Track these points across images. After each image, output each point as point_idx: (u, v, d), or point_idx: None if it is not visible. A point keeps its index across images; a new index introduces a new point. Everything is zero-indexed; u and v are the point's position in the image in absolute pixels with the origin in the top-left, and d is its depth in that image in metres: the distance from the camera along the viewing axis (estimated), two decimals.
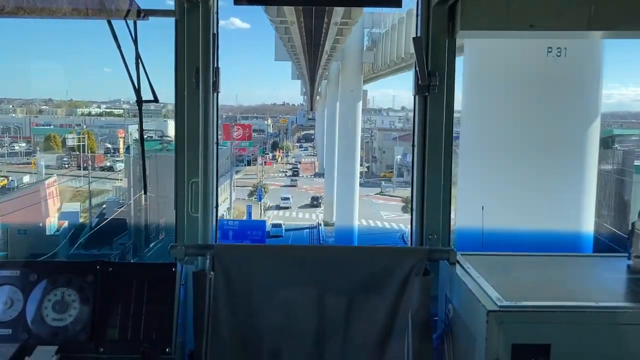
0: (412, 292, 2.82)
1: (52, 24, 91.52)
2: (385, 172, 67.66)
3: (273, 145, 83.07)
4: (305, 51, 31.12)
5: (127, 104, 68.56)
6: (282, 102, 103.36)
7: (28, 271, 2.83)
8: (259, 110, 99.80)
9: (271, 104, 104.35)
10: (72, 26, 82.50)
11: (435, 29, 3.16)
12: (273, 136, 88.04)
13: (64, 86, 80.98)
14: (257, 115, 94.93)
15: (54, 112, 69.79)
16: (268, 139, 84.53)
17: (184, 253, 2.94)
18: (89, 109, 74.05)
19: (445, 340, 2.85)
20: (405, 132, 66.81)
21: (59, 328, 2.76)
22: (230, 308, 2.89)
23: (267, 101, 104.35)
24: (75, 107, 73.41)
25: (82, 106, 73.63)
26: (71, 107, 72.26)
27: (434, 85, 3.16)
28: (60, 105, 72.57)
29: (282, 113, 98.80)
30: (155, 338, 2.75)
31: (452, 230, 3.34)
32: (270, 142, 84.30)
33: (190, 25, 3.13)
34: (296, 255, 3.06)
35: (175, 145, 3.26)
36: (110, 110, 74.68)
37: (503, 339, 2.33)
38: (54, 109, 72.04)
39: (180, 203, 3.25)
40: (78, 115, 69.96)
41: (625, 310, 2.45)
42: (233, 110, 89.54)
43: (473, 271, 2.79)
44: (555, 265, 3.20)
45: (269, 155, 76.62)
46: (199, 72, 3.14)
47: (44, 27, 66.15)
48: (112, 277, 2.85)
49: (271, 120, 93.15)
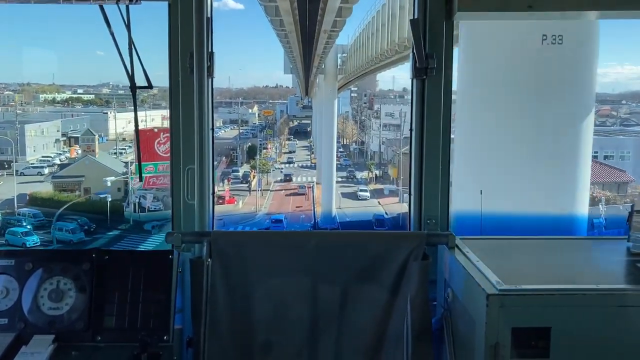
0: (410, 277, 2.81)
1: (42, 9, 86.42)
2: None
3: (250, 151, 51.52)
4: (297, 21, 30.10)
5: (108, 88, 61.53)
6: (275, 85, 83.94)
7: (23, 260, 2.80)
8: (250, 93, 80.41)
9: (263, 87, 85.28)
10: (63, 11, 78.86)
11: (433, 10, 3.10)
12: (256, 130, 60.57)
13: (53, 70, 74.58)
14: (243, 100, 74.80)
15: (11, 98, 56.80)
16: (242, 142, 53.53)
17: (181, 240, 2.92)
18: (61, 95, 61.80)
19: (445, 324, 2.85)
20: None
21: (56, 317, 2.73)
22: (227, 295, 2.87)
23: (259, 83, 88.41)
24: (37, 92, 60.41)
25: (53, 91, 61.21)
26: (31, 93, 59.28)
27: (432, 68, 3.12)
28: (26, 89, 59.86)
29: (274, 97, 79.18)
30: (152, 326, 2.73)
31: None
32: (245, 146, 52.66)
33: (184, 9, 3.07)
34: (294, 241, 3.04)
35: (170, 131, 3.22)
36: (79, 96, 63.07)
37: (503, 322, 2.32)
38: (10, 93, 58.19)
39: (177, 190, 3.21)
40: (40, 101, 59.50)
41: (625, 293, 2.45)
42: (222, 94, 66.99)
43: (472, 255, 2.78)
44: (555, 248, 3.20)
45: (236, 179, 45.47)
46: (193, 56, 3.09)
47: (34, 12, 62.75)
48: (108, 265, 2.83)
49: (258, 108, 70.32)
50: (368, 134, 57.59)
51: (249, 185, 44.78)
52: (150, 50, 4.07)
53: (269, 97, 78.83)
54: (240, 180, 45.72)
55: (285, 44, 35.03)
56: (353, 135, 62.32)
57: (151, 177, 31.32)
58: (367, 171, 50.17)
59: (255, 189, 43.83)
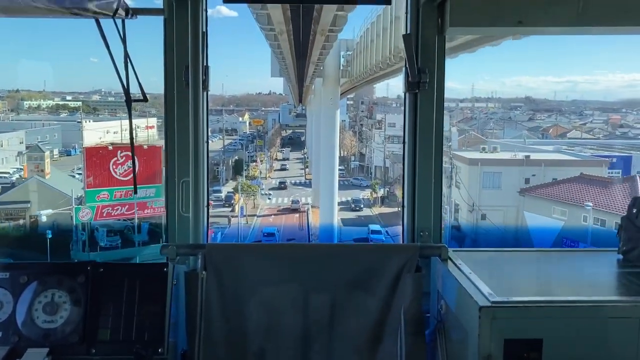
0: (404, 289, 2.84)
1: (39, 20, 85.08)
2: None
3: (236, 166, 45.19)
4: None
5: (99, 95, 59.12)
6: (269, 92, 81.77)
7: (18, 273, 2.80)
8: (242, 101, 78.77)
9: (256, 94, 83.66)
10: (59, 21, 77.81)
11: (425, 26, 3.16)
12: (245, 141, 56.25)
13: (46, 77, 72.85)
14: (235, 108, 72.30)
15: None
16: (228, 156, 47.18)
17: (176, 253, 2.93)
18: (46, 101, 58.22)
19: (438, 336, 2.87)
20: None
21: (50, 330, 2.73)
22: (222, 307, 2.88)
23: (252, 90, 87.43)
24: (23, 99, 57.43)
25: (39, 98, 57.94)
26: (16, 100, 56.20)
27: (424, 82, 3.17)
28: (11, 96, 57.01)
29: (267, 104, 77.09)
30: (147, 338, 2.73)
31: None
32: (232, 160, 46.28)
33: (180, 23, 3.11)
34: (288, 253, 3.06)
35: (165, 144, 3.24)
36: (65, 103, 59.17)
37: (495, 334, 2.35)
38: None
39: (171, 202, 3.23)
40: (25, 108, 56.02)
41: (615, 304, 2.48)
42: (214, 101, 63.35)
43: (465, 267, 2.81)
44: (546, 260, 3.24)
45: (218, 201, 37.34)
46: (189, 70, 3.11)
47: (30, 22, 61.25)
48: (103, 277, 2.83)
49: (249, 116, 67.00)
50: (369, 146, 52.80)
51: (233, 208, 37.41)
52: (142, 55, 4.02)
53: (262, 105, 77.65)
54: (223, 202, 37.98)
55: (276, 48, 31.17)
56: (352, 148, 57.07)
57: (105, 206, 25.94)
58: (370, 190, 44.68)
59: (238, 214, 35.51)
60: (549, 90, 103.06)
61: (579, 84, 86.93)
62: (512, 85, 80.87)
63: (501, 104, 58.93)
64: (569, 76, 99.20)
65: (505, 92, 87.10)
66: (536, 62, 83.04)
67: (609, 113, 51.99)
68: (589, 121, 52.27)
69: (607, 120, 50.79)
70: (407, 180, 3.31)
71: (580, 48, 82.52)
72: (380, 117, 52.37)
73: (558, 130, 49.75)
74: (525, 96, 63.83)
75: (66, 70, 76.20)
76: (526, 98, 62.14)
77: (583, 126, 50.71)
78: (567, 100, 63.60)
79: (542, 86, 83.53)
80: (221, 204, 36.93)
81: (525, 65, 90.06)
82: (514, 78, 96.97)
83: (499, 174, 33.03)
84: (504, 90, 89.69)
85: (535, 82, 78.54)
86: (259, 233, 33.50)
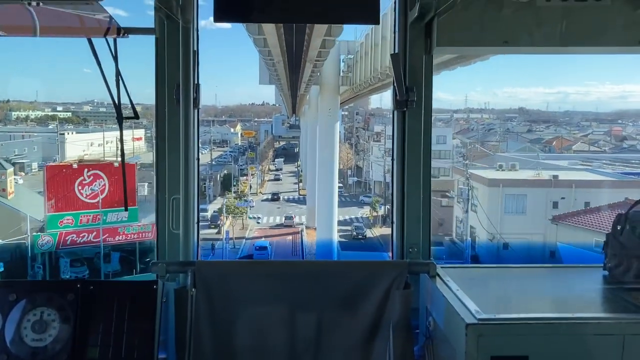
0: (393, 306, 2.86)
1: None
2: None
3: (225, 181, 42.54)
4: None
5: (91, 105, 57.33)
6: (262, 102, 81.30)
7: (6, 291, 2.79)
8: (236, 111, 77.18)
9: (249, 104, 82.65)
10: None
11: (413, 45, 3.22)
12: (236, 152, 53.53)
13: (38, 88, 71.80)
14: (226, 118, 70.91)
15: None
16: (217, 170, 43.96)
17: (165, 270, 2.94)
18: (35, 112, 55.09)
19: (427, 352, 2.89)
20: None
21: (39, 348, 2.72)
22: (212, 325, 2.89)
23: (245, 101, 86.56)
24: (11, 109, 54.75)
25: (29, 109, 55.03)
26: (4, 111, 54.02)
27: (412, 101, 3.22)
28: (0, 107, 54.60)
29: (260, 115, 75.44)
30: (136, 356, 2.73)
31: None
32: (220, 175, 43.33)
33: (171, 42, 3.14)
34: (277, 270, 3.08)
35: (155, 161, 3.25)
36: (55, 114, 56.06)
37: (482, 351, 2.37)
38: None
39: (161, 219, 3.24)
40: (13, 119, 53.09)
41: (600, 321, 2.51)
42: (207, 112, 62.32)
43: (452, 284, 2.84)
44: (533, 276, 3.27)
45: (203, 221, 28.51)
46: (180, 88, 3.15)
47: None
48: (93, 295, 2.83)
49: (241, 127, 65.16)
50: (366, 159, 50.27)
51: (219, 229, 33.74)
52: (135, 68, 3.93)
53: (255, 115, 76.38)
54: (208, 223, 34.26)
55: (266, 55, 28.68)
56: (348, 161, 53.71)
57: (69, 232, 22.13)
58: (369, 208, 41.40)
59: (223, 238, 31.31)
60: (541, 101, 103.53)
61: (570, 95, 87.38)
62: (504, 97, 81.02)
63: (496, 115, 59.01)
64: (560, 87, 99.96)
65: (498, 103, 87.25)
66: (527, 72, 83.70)
67: (608, 124, 51.70)
68: (589, 133, 51.45)
69: (608, 132, 50.48)
70: (396, 196, 3.35)
71: (570, 59, 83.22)
72: (379, 129, 49.47)
73: (563, 142, 48.01)
74: (519, 107, 63.97)
75: (58, 81, 75.73)
76: (520, 109, 62.28)
77: (585, 138, 49.76)
78: (560, 111, 63.82)
79: (533, 97, 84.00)
80: (207, 225, 33.44)
81: (516, 76, 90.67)
82: (506, 89, 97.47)
83: (523, 197, 28.19)
84: (496, 102, 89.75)
85: (526, 93, 78.97)
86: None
